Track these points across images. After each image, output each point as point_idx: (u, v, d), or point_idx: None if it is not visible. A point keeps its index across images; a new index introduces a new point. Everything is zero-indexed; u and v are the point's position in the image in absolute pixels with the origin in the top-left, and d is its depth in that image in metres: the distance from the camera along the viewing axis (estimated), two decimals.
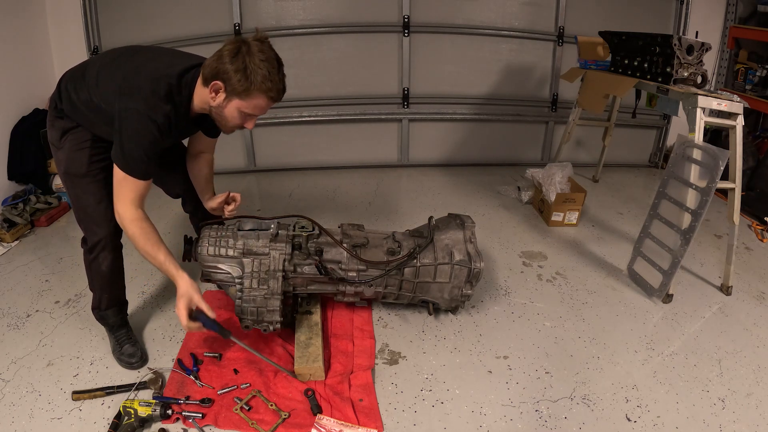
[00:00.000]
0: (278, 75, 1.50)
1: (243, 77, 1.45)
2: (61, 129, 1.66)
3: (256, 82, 1.46)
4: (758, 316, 2.27)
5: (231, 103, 1.52)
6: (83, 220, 1.74)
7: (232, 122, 1.59)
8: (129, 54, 1.63)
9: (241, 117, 1.57)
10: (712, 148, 2.10)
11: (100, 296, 1.86)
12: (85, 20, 3.40)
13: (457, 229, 2.07)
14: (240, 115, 1.56)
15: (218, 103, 1.53)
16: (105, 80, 1.56)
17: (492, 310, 2.25)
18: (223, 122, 1.61)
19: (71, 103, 1.62)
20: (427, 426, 1.63)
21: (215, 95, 1.51)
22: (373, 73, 3.79)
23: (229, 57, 1.45)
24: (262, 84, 1.47)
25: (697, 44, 2.33)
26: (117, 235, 1.76)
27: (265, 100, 1.52)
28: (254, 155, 3.87)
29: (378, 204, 3.34)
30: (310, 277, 1.91)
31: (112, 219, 1.66)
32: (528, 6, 3.78)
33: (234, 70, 1.45)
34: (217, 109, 1.56)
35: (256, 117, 1.61)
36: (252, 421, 1.58)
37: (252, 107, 1.54)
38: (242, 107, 1.53)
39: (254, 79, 1.46)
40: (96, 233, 1.73)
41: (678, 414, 1.70)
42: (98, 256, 1.76)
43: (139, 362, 1.83)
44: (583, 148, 4.21)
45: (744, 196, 2.56)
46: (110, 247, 1.76)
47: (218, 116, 1.59)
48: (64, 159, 1.68)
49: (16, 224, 2.79)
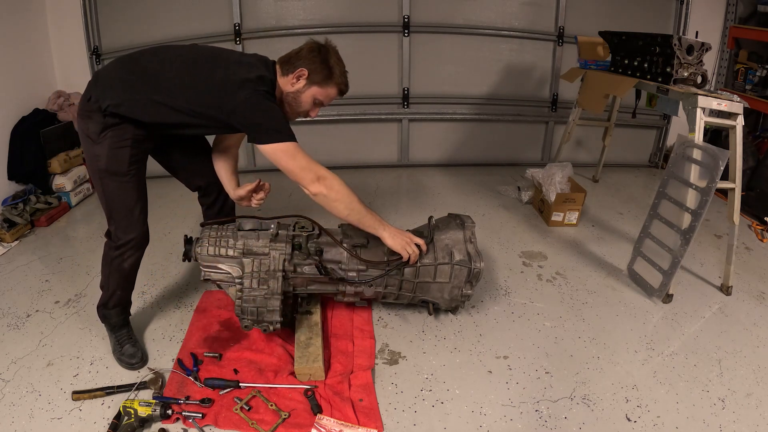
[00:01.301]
0: (346, 75, 1.80)
1: (326, 68, 1.72)
2: (102, 124, 1.64)
3: (335, 75, 1.74)
4: (758, 316, 2.27)
5: (309, 90, 1.74)
6: (116, 219, 1.75)
7: (304, 107, 1.79)
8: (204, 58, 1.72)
9: (312, 104, 1.78)
10: (712, 148, 2.10)
11: (112, 293, 1.86)
12: (85, 20, 3.40)
13: (457, 229, 2.07)
14: (312, 101, 1.77)
15: (297, 88, 1.74)
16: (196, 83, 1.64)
17: (492, 310, 2.25)
18: (296, 107, 1.78)
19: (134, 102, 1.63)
20: (427, 426, 1.63)
21: (296, 81, 1.72)
22: (373, 73, 3.78)
23: (312, 52, 1.71)
24: (340, 77, 1.75)
25: (697, 44, 2.33)
26: (147, 237, 1.82)
27: (336, 91, 1.79)
28: (254, 155, 3.87)
29: (378, 204, 3.34)
30: (310, 277, 1.91)
31: (146, 221, 1.78)
32: (528, 6, 3.78)
33: (320, 62, 1.71)
34: (294, 94, 1.75)
35: (322, 106, 1.82)
36: (252, 421, 1.58)
37: (325, 96, 1.78)
38: (318, 95, 1.76)
39: (334, 72, 1.73)
40: (128, 233, 1.75)
41: (678, 414, 1.70)
42: (124, 254, 1.78)
43: (139, 363, 1.83)
44: (583, 148, 4.21)
45: (744, 196, 2.56)
46: (139, 246, 1.80)
47: (293, 101, 1.76)
48: (104, 155, 1.66)
49: (16, 224, 2.79)
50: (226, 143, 2.00)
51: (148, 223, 1.81)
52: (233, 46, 3.51)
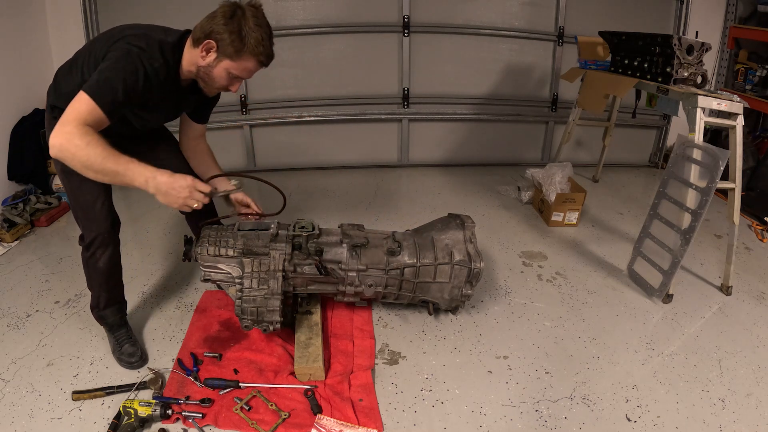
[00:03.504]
0: (269, 41, 1.55)
1: (237, 39, 1.49)
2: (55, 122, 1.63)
3: (249, 45, 1.50)
4: (758, 316, 2.27)
5: (221, 64, 1.54)
6: (80, 218, 1.74)
7: (219, 83, 1.59)
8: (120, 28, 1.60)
9: (228, 78, 1.58)
10: (712, 148, 2.10)
11: (98, 295, 1.86)
12: (85, 20, 3.40)
13: (457, 229, 2.07)
14: (227, 76, 1.57)
15: (208, 62, 1.54)
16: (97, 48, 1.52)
17: (492, 310, 2.25)
18: (210, 82, 1.61)
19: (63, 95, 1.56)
20: (427, 426, 1.63)
21: (206, 54, 1.53)
22: (373, 73, 3.78)
23: (223, 18, 1.48)
24: (255, 47, 1.51)
25: (697, 44, 2.33)
26: (114, 232, 1.75)
27: (255, 63, 1.56)
28: (254, 155, 3.87)
29: (378, 204, 3.34)
30: (310, 277, 1.91)
31: (109, 215, 1.72)
32: (528, 6, 3.78)
33: (229, 32, 1.48)
34: (205, 69, 1.56)
35: (241, 80, 1.62)
36: (252, 421, 1.58)
37: (241, 69, 1.56)
38: (232, 68, 1.55)
39: (248, 42, 1.50)
40: (93, 230, 1.72)
41: (678, 414, 1.70)
42: (95, 253, 1.75)
43: (139, 362, 1.83)
44: (583, 148, 4.21)
45: (744, 196, 2.56)
46: (107, 243, 1.75)
47: (206, 76, 1.59)
48: None
49: (16, 224, 2.79)
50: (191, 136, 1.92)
51: (113, 220, 1.73)
52: None
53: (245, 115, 3.72)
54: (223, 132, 3.72)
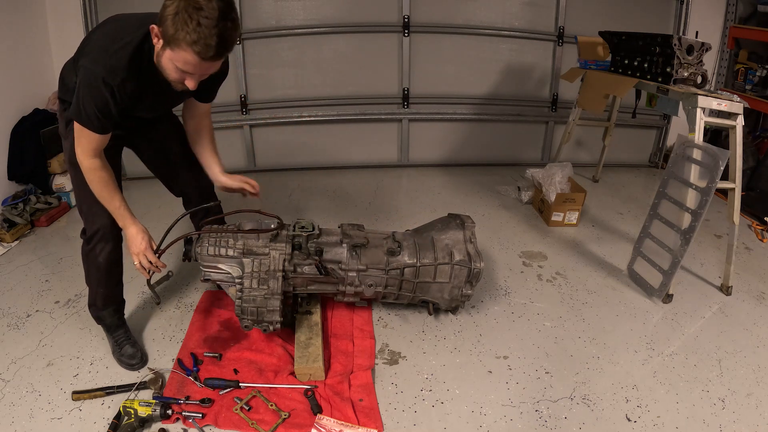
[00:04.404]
0: (216, 26, 1.27)
1: (171, 24, 1.28)
2: (66, 119, 1.65)
3: (180, 31, 1.27)
4: (758, 316, 2.27)
5: (165, 53, 1.36)
6: (84, 210, 1.74)
7: (170, 75, 1.41)
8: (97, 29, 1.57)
9: (176, 71, 1.38)
10: (712, 148, 2.10)
11: (95, 291, 1.85)
12: (85, 20, 3.40)
13: (457, 229, 2.07)
14: (174, 68, 1.38)
15: (157, 51, 1.38)
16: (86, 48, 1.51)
17: (492, 310, 2.25)
18: (164, 73, 1.43)
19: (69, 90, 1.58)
20: (427, 426, 1.63)
21: (156, 41, 1.36)
22: (373, 73, 3.78)
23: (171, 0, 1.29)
24: (187, 35, 1.27)
25: (697, 44, 2.33)
26: (116, 227, 1.73)
27: (192, 55, 1.31)
28: (254, 155, 3.87)
29: (378, 204, 3.34)
30: (310, 277, 1.91)
31: None
32: (528, 6, 3.78)
33: (170, 15, 1.28)
34: (157, 58, 1.41)
35: (194, 75, 1.40)
36: (252, 421, 1.58)
37: (181, 61, 1.34)
38: (174, 59, 1.35)
39: (180, 27, 1.27)
40: (95, 222, 1.72)
41: (678, 414, 1.70)
42: (95, 247, 1.75)
43: (139, 363, 1.83)
44: (583, 148, 4.21)
45: (744, 196, 2.56)
46: (108, 237, 1.74)
47: (159, 66, 1.42)
48: (69, 148, 1.66)
49: (16, 224, 2.79)
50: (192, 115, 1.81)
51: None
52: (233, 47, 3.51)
53: (245, 115, 3.72)
54: (223, 132, 3.72)
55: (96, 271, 1.81)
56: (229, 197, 2.00)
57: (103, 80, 1.40)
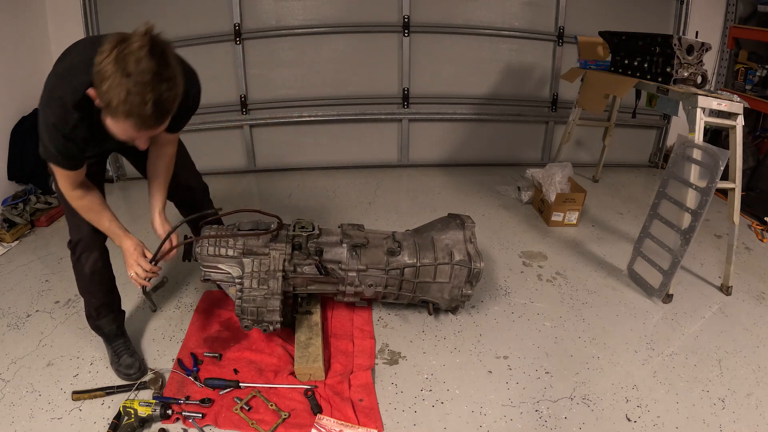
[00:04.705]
0: (150, 92, 1.15)
1: (103, 92, 1.16)
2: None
3: (113, 102, 1.15)
4: (758, 316, 2.27)
5: (106, 119, 1.24)
6: (68, 218, 1.72)
7: (118, 137, 1.29)
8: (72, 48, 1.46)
9: (123, 135, 1.27)
10: (712, 148, 2.10)
11: (89, 302, 1.82)
12: (85, 20, 3.39)
13: (457, 229, 2.07)
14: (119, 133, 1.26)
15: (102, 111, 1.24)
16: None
17: (492, 310, 2.25)
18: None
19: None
20: (427, 426, 1.63)
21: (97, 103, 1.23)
22: (373, 73, 3.78)
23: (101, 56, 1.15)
24: (120, 106, 1.15)
25: (697, 44, 2.33)
26: (98, 236, 1.69)
27: (130, 125, 1.21)
28: (254, 155, 3.86)
29: (378, 204, 3.34)
30: (310, 277, 1.91)
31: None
32: (528, 6, 3.78)
33: (99, 81, 1.15)
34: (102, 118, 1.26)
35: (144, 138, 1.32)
36: (252, 421, 1.58)
37: (121, 130, 1.24)
38: (113, 127, 1.25)
39: (112, 97, 1.15)
40: (77, 232, 1.69)
41: (678, 414, 1.70)
42: (80, 257, 1.72)
43: (137, 373, 1.78)
44: (583, 148, 4.21)
45: (744, 196, 2.56)
46: (91, 247, 1.71)
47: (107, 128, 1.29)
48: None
49: (16, 224, 2.79)
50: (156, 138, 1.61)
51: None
52: (233, 47, 3.51)
53: (245, 115, 3.72)
54: (223, 132, 3.72)
55: (84, 281, 1.78)
56: (229, 199, 2.00)
57: (54, 126, 1.34)
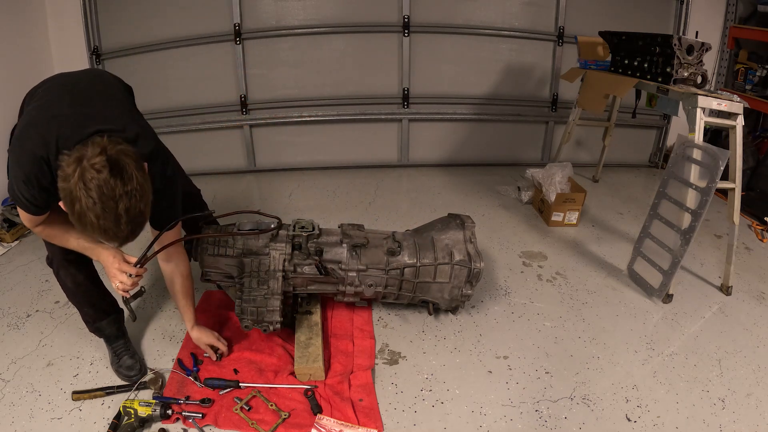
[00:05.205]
0: (122, 216, 1.17)
1: (75, 213, 1.18)
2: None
3: (86, 225, 1.19)
4: (758, 316, 2.27)
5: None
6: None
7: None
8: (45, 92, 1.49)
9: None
10: (712, 148, 2.10)
11: (82, 311, 1.82)
12: (85, 20, 3.40)
13: (457, 229, 2.07)
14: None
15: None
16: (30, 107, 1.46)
17: (492, 310, 2.25)
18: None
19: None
20: (427, 426, 1.63)
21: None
22: (373, 73, 3.78)
23: (65, 176, 1.16)
24: (94, 229, 1.19)
25: (697, 44, 2.33)
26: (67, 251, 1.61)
27: (107, 238, 1.25)
28: (254, 155, 3.86)
29: (378, 204, 3.34)
30: (310, 277, 1.91)
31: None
32: (528, 6, 3.78)
33: (68, 202, 1.17)
34: None
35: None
36: (252, 421, 1.58)
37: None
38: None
39: (85, 223, 1.18)
40: (51, 247, 1.66)
41: (678, 414, 1.70)
42: (59, 273, 1.71)
43: (137, 375, 1.78)
44: (583, 148, 4.21)
45: (744, 196, 2.56)
46: (65, 265, 1.68)
47: None
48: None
49: (16, 224, 2.79)
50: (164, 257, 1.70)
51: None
52: (233, 47, 3.51)
53: (245, 115, 3.72)
54: (223, 132, 3.72)
55: (71, 294, 1.78)
56: (229, 199, 2.00)
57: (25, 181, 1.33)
